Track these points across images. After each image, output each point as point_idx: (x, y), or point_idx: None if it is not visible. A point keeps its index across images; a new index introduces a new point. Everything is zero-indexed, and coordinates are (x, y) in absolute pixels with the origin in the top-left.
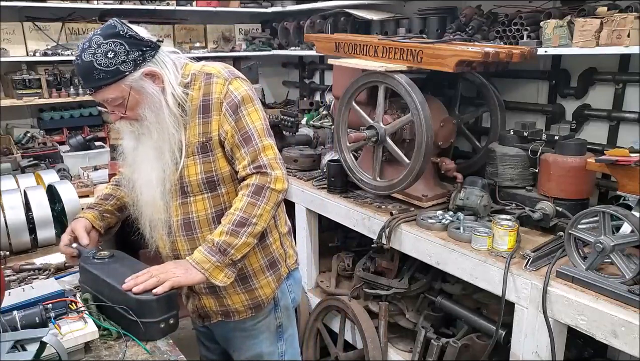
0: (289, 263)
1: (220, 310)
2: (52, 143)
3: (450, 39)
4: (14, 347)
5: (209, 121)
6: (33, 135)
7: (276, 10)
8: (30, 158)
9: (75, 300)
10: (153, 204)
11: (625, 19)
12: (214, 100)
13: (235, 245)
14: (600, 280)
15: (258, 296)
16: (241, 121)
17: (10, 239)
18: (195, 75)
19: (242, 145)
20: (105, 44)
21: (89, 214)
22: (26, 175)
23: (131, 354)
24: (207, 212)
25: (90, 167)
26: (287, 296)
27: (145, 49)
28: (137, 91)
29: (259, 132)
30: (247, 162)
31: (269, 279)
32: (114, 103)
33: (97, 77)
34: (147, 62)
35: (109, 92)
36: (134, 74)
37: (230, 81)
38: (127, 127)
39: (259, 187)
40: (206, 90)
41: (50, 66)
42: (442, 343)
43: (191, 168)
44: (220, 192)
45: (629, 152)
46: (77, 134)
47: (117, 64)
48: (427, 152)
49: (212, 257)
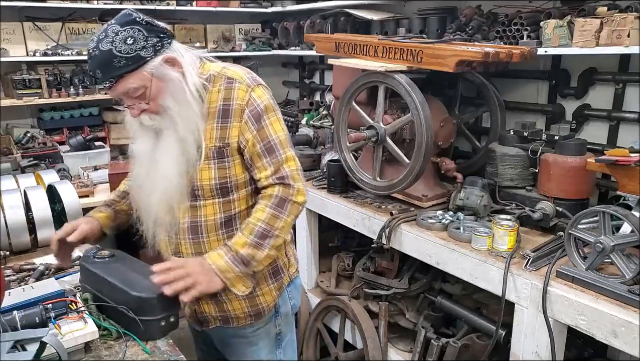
0: (291, 272)
1: (220, 315)
2: (52, 143)
3: (450, 39)
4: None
5: (227, 126)
6: (33, 135)
7: (276, 10)
8: (30, 158)
9: (75, 300)
10: (164, 204)
11: (625, 19)
12: (235, 106)
13: (258, 257)
14: (600, 280)
15: (259, 304)
16: (264, 130)
17: (10, 239)
18: (214, 76)
19: (264, 154)
20: (123, 31)
21: (102, 214)
22: (26, 175)
23: (131, 354)
24: (215, 217)
25: (90, 167)
26: (288, 303)
27: (163, 36)
28: (159, 78)
29: (282, 143)
30: (269, 172)
31: (271, 287)
32: (136, 94)
33: (117, 65)
34: (165, 48)
35: (130, 80)
36: (155, 60)
37: (253, 88)
38: (147, 121)
39: (281, 200)
40: (227, 94)
41: (50, 66)
42: (442, 343)
43: (204, 173)
44: (232, 198)
45: (629, 152)
46: (77, 134)
47: (137, 49)
48: (427, 152)
49: (236, 267)
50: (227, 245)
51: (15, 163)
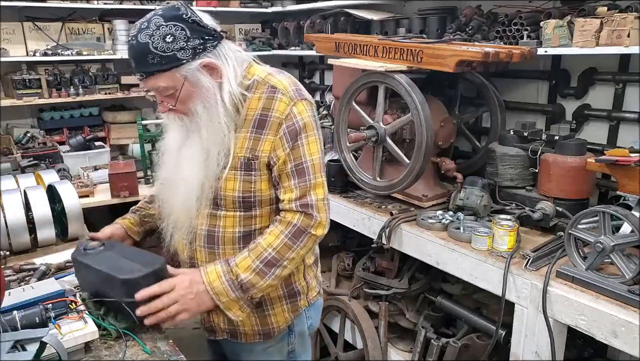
0: (310, 296)
1: (228, 328)
2: (52, 143)
3: (450, 39)
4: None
5: (261, 138)
6: (33, 135)
7: (276, 10)
8: (30, 158)
9: (75, 300)
10: (184, 209)
11: (625, 19)
12: (273, 119)
13: (259, 286)
14: (600, 280)
15: (269, 324)
16: (298, 150)
17: (10, 239)
18: (258, 82)
19: (293, 176)
20: (165, 26)
21: (126, 220)
22: (26, 175)
23: (131, 354)
24: (234, 230)
25: (90, 167)
26: (304, 322)
27: (207, 38)
28: (191, 83)
29: (315, 167)
30: (294, 195)
31: (284, 308)
32: (165, 93)
33: (151, 62)
34: (207, 52)
35: (161, 80)
36: (191, 64)
37: (295, 102)
38: (175, 121)
39: (299, 230)
40: (267, 104)
41: (50, 66)
42: (442, 343)
43: (229, 183)
44: (253, 214)
45: (629, 152)
46: (77, 134)
47: (174, 49)
48: (427, 152)
49: (233, 292)
50: (228, 264)
51: (15, 163)
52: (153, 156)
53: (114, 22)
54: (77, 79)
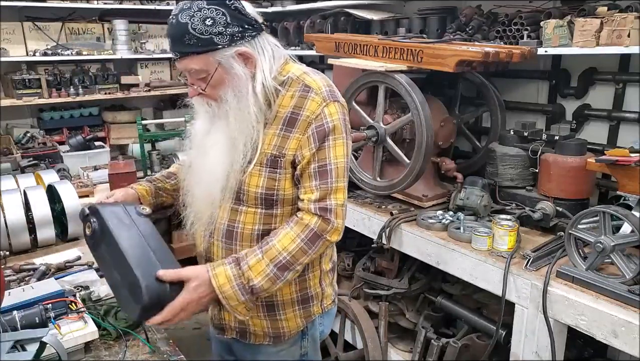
0: (324, 304)
1: (238, 327)
2: (52, 143)
3: (450, 38)
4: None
5: (289, 136)
6: (33, 135)
7: (276, 10)
8: (30, 158)
9: (75, 300)
10: (207, 198)
11: (626, 19)
12: (303, 118)
13: (270, 291)
14: (601, 280)
15: (280, 328)
16: (324, 151)
17: (10, 239)
18: (292, 79)
19: (315, 176)
20: (207, 9)
21: (141, 187)
22: (26, 175)
23: (131, 354)
24: (253, 227)
25: (90, 167)
26: (317, 328)
27: (247, 27)
28: (224, 69)
29: (339, 171)
30: (314, 197)
31: (296, 313)
32: (197, 76)
33: (187, 42)
34: (244, 41)
35: (195, 61)
36: (227, 50)
37: (328, 103)
38: (202, 106)
39: (315, 235)
40: (299, 102)
41: (50, 66)
42: (442, 343)
43: (253, 179)
44: (275, 212)
45: (629, 152)
46: (77, 134)
47: (212, 33)
48: (427, 152)
49: (242, 296)
50: (239, 265)
51: (15, 163)
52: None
53: (113, 22)
54: (77, 79)
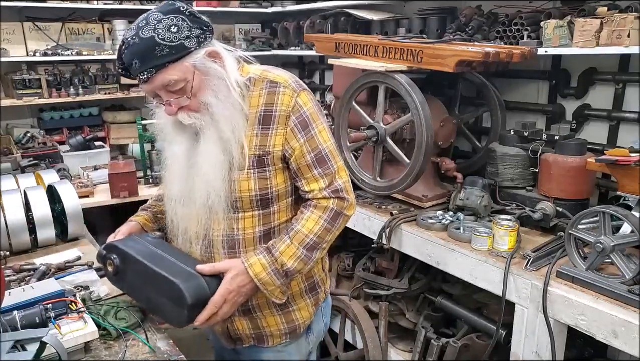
0: (325, 288)
1: (254, 333)
2: (52, 143)
3: (451, 38)
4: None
5: (269, 134)
6: (33, 135)
7: (276, 10)
8: (30, 158)
9: (75, 300)
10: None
11: (626, 19)
12: (280, 113)
13: (303, 270)
14: (601, 280)
15: (295, 320)
16: (314, 140)
17: (10, 239)
18: (254, 79)
19: (314, 166)
20: (167, 18)
21: (140, 217)
22: (26, 175)
23: (131, 354)
24: (254, 230)
25: (90, 167)
26: (321, 320)
27: (205, 29)
28: (201, 71)
29: (332, 152)
30: (323, 184)
31: (307, 302)
32: (175, 88)
33: (159, 54)
34: (208, 42)
35: (172, 72)
36: (199, 52)
37: (299, 93)
38: (186, 120)
39: (336, 213)
40: (270, 99)
41: (50, 66)
42: (442, 343)
43: (244, 183)
44: (272, 210)
45: (629, 152)
46: (77, 134)
47: (181, 38)
48: (427, 152)
49: (278, 280)
50: (271, 253)
51: (15, 163)
52: (153, 156)
53: (113, 22)
54: (77, 79)
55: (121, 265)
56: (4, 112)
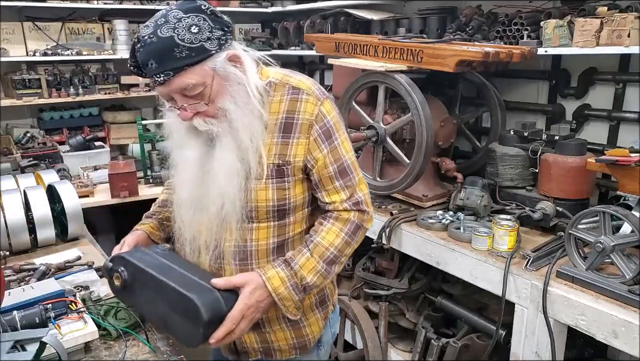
0: (334, 300)
1: (262, 346)
2: (52, 143)
3: (451, 38)
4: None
5: (289, 142)
6: (33, 135)
7: (276, 10)
8: (30, 158)
9: (75, 300)
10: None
11: (626, 19)
12: (302, 121)
13: (320, 286)
14: (601, 280)
15: (305, 335)
16: (337, 151)
17: (10, 239)
18: (275, 83)
19: (336, 177)
20: (187, 17)
21: (146, 226)
22: (26, 175)
23: (131, 354)
24: (268, 242)
25: (90, 167)
26: (329, 331)
27: (226, 30)
28: (221, 76)
29: (354, 164)
30: (344, 196)
31: (317, 317)
32: (193, 92)
33: (179, 56)
34: (229, 44)
35: (190, 75)
36: (220, 55)
37: (322, 102)
38: (201, 126)
39: (357, 226)
40: (291, 106)
41: (50, 66)
42: (442, 343)
43: (261, 193)
44: (287, 221)
45: (629, 152)
46: (77, 134)
47: (202, 40)
48: (427, 152)
49: (296, 295)
50: (290, 267)
51: (15, 163)
52: (153, 156)
53: (113, 22)
54: (77, 79)
55: (129, 278)
56: (4, 112)
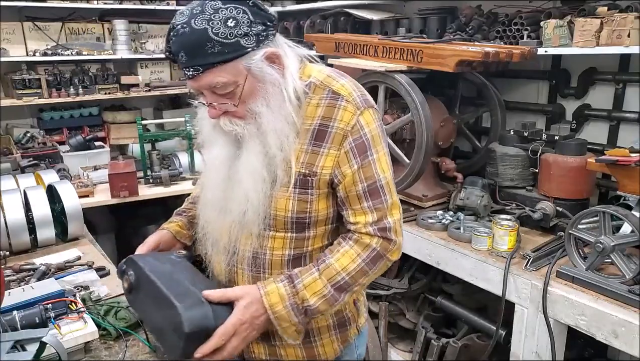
0: (359, 324)
1: (271, 359)
2: (52, 143)
3: (451, 38)
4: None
5: (319, 152)
6: (33, 135)
7: (276, 10)
8: (30, 158)
9: (75, 300)
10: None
11: (626, 19)
12: (337, 130)
13: (326, 312)
14: (601, 280)
15: (316, 355)
16: (370, 168)
17: (10, 239)
18: (315, 85)
19: (365, 197)
20: (225, 9)
21: (173, 224)
22: (26, 175)
23: (131, 354)
24: (283, 253)
25: (90, 167)
26: (354, 352)
27: (268, 24)
28: (255, 76)
29: (389, 185)
30: (371, 219)
31: (332, 338)
32: (223, 91)
33: (211, 51)
34: (268, 41)
35: (221, 73)
36: (256, 53)
37: (362, 111)
38: (227, 126)
39: (378, 255)
40: (328, 112)
41: (50, 66)
42: (442, 343)
43: (281, 202)
44: (307, 235)
45: (629, 152)
46: (77, 134)
47: (238, 35)
48: (427, 152)
49: (295, 317)
50: (293, 283)
51: (15, 163)
52: (153, 156)
53: (113, 22)
54: (77, 79)
55: (135, 282)
56: (4, 112)
